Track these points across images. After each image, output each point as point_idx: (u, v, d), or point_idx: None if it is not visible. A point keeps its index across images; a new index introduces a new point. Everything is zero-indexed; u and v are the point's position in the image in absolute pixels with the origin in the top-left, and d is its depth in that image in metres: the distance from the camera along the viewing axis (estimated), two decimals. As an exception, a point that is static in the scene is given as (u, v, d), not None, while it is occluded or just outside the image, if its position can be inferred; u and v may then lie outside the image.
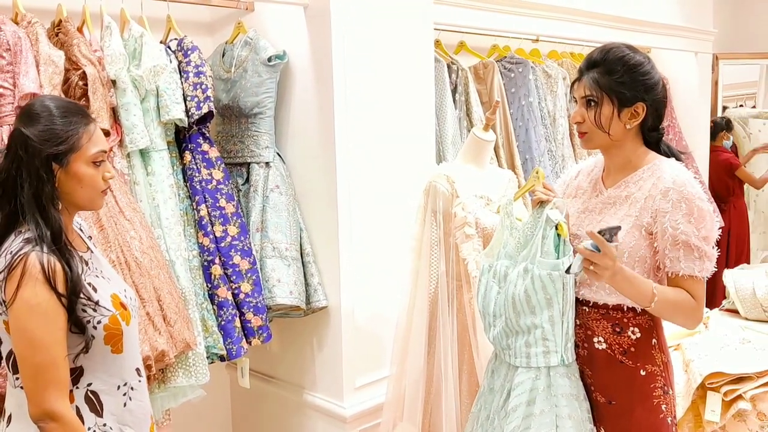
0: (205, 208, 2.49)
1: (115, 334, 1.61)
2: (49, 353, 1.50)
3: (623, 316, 1.91)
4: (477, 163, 2.45)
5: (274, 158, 2.67)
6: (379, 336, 2.71)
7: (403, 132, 2.74)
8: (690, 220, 1.79)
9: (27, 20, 2.19)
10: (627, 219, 1.87)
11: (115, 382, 1.65)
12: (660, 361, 1.92)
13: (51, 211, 1.57)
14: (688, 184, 1.82)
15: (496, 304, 2.01)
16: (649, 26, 3.91)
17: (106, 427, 1.63)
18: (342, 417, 2.63)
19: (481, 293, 2.07)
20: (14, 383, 1.60)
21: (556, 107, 3.49)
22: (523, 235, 2.03)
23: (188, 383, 2.34)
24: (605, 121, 1.87)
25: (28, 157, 1.56)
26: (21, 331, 1.50)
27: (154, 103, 2.41)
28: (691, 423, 2.69)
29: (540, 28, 3.39)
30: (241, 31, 2.73)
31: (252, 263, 2.53)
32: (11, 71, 2.07)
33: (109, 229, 2.18)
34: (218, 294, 2.46)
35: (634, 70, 1.86)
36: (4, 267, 1.51)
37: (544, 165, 3.28)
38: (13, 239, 1.55)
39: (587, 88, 1.88)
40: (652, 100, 1.87)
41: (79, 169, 1.61)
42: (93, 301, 1.60)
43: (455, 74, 3.16)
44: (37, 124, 1.58)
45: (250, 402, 3.14)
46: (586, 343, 1.97)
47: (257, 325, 2.51)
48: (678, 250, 1.80)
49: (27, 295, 1.49)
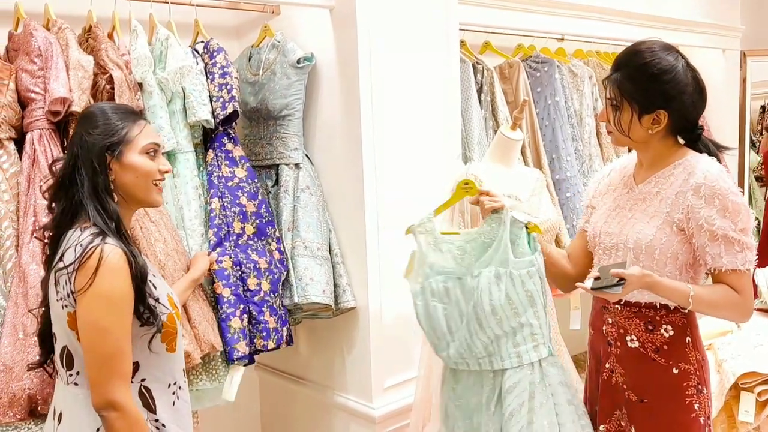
0: (218, 202, 2.45)
1: (171, 333, 1.65)
2: (118, 343, 1.55)
3: (656, 314, 1.90)
4: (505, 162, 2.45)
5: (302, 160, 2.68)
6: (407, 337, 2.70)
7: (430, 132, 2.73)
8: (725, 215, 1.77)
9: (58, 26, 2.22)
10: (657, 215, 1.86)
11: (167, 380, 1.69)
12: (694, 359, 1.90)
13: (108, 201, 1.63)
14: (720, 179, 1.80)
15: (447, 321, 2.01)
16: (675, 23, 3.86)
17: (158, 423, 1.66)
18: (371, 418, 2.62)
19: (422, 316, 2.06)
20: (67, 379, 1.63)
21: (583, 106, 3.46)
22: (477, 244, 2.04)
23: (212, 386, 2.35)
24: (625, 126, 1.86)
25: (83, 153, 1.64)
26: (92, 321, 1.54)
27: (180, 106, 2.43)
28: (725, 424, 2.66)
29: (565, 27, 3.36)
30: (267, 35, 2.75)
31: (269, 263, 2.51)
32: (42, 76, 2.10)
33: (135, 231, 2.20)
34: (214, 289, 2.38)
35: (657, 78, 1.81)
36: (75, 259, 1.55)
37: (571, 164, 3.25)
38: (80, 234, 1.60)
39: (611, 91, 1.88)
40: (676, 108, 1.83)
41: (133, 159, 1.68)
42: (154, 297, 1.65)
43: (480, 74, 3.15)
44: (92, 123, 1.67)
45: (279, 403, 3.15)
46: (618, 341, 1.96)
47: (272, 326, 2.47)
48: (718, 246, 1.79)
49: (100, 285, 1.53)
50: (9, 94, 2.07)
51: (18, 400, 1.91)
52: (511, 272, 1.92)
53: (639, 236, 1.88)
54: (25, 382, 1.91)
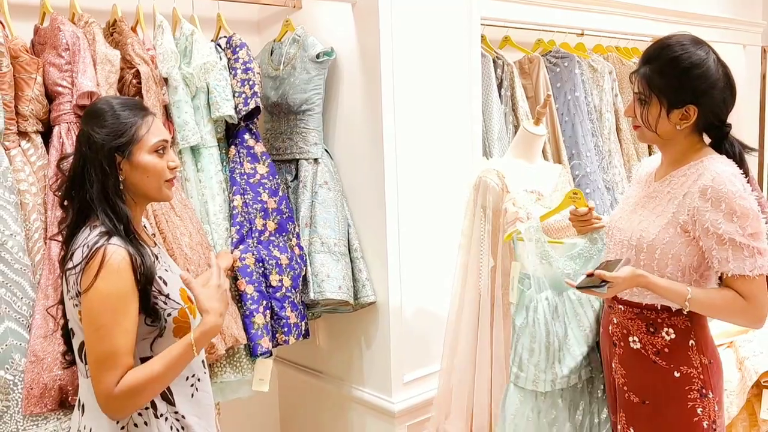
0: (240, 199, 2.47)
1: (183, 327, 1.65)
2: (114, 341, 1.53)
3: (657, 315, 1.87)
4: (527, 157, 2.44)
5: (322, 154, 2.69)
6: (427, 331, 2.71)
7: (451, 127, 2.73)
8: (732, 219, 1.72)
9: (84, 20, 2.23)
10: (664, 215, 1.84)
11: (184, 373, 1.69)
12: (698, 363, 1.86)
13: (118, 203, 1.62)
14: (728, 182, 1.74)
15: (558, 337, 2.09)
16: (695, 18, 3.84)
17: (178, 414, 1.67)
18: (390, 412, 2.63)
19: (541, 329, 2.09)
20: (86, 373, 1.64)
21: (603, 102, 3.44)
22: (580, 260, 2.10)
23: (235, 379, 2.37)
24: (652, 121, 1.82)
25: (92, 153, 1.62)
26: (90, 320, 1.55)
27: (205, 101, 2.44)
28: (746, 422, 2.65)
29: (585, 21, 3.35)
30: (289, 29, 2.75)
31: (290, 259, 2.52)
32: (69, 70, 2.12)
33: (161, 225, 2.21)
34: (237, 286, 2.42)
35: (687, 73, 1.77)
36: (82, 259, 1.55)
37: (590, 160, 3.24)
38: (88, 233, 1.60)
39: (639, 85, 1.84)
40: (706, 103, 1.79)
41: (142, 158, 1.65)
42: (164, 294, 1.64)
43: (501, 69, 3.14)
44: (99, 121, 1.64)
45: (299, 397, 3.16)
46: (622, 342, 1.95)
47: (293, 321, 2.50)
48: (726, 250, 1.74)
49: (101, 285, 1.53)
50: (36, 88, 2.09)
51: (49, 390, 1.93)
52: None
53: (642, 234, 1.85)
54: (56, 373, 1.93)
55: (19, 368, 1.93)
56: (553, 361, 2.06)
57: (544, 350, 2.07)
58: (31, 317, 1.96)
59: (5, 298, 1.93)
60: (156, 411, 1.63)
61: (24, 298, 1.96)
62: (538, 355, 2.08)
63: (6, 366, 1.91)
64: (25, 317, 1.96)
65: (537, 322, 2.08)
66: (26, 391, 1.92)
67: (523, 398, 2.11)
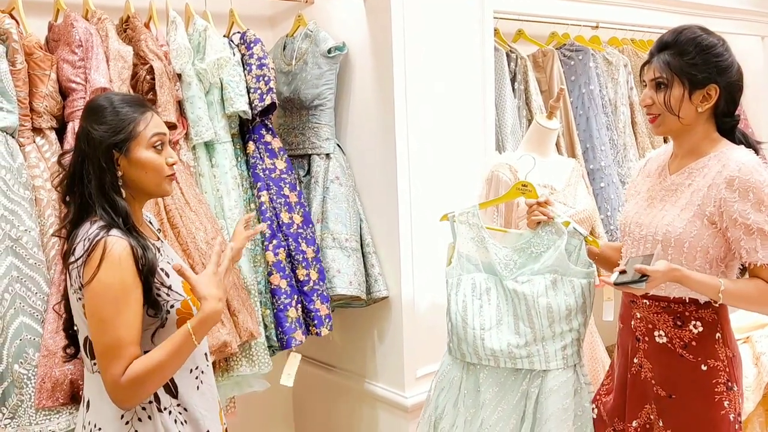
0: (267, 195, 2.50)
1: (186, 319, 1.65)
2: (117, 333, 1.54)
3: (685, 309, 1.87)
4: (540, 151, 2.43)
5: (334, 150, 2.69)
6: (440, 327, 2.69)
7: (464, 121, 2.72)
8: (761, 209, 1.73)
9: (97, 17, 2.25)
10: (688, 208, 1.83)
11: (187, 365, 1.69)
12: (724, 356, 1.86)
13: (116, 199, 1.62)
14: (755, 171, 1.75)
15: (482, 318, 2.10)
16: (712, 10, 3.79)
17: (180, 407, 1.68)
18: (403, 406, 2.64)
19: (459, 306, 2.14)
20: (92, 368, 1.65)
21: (618, 95, 3.41)
22: (525, 254, 2.11)
23: (251, 372, 2.38)
24: (675, 104, 1.83)
25: (90, 150, 1.62)
26: (93, 311, 1.56)
27: (218, 96, 2.45)
28: (762, 417, 2.63)
29: (599, 14, 3.32)
30: (301, 24, 2.75)
31: (316, 252, 2.55)
32: (83, 67, 2.13)
33: (176, 220, 2.23)
34: (271, 281, 2.45)
35: (707, 51, 1.80)
36: (83, 252, 1.56)
37: (605, 154, 3.22)
38: (89, 227, 1.61)
39: (657, 70, 1.84)
40: (726, 83, 1.81)
41: (141, 155, 1.65)
42: (166, 285, 1.65)
43: (514, 63, 3.13)
44: (97, 118, 1.64)
45: (312, 391, 3.17)
46: (647, 337, 1.93)
47: (324, 313, 2.52)
48: (754, 240, 1.74)
49: (102, 277, 1.54)
50: (50, 84, 2.11)
51: (61, 384, 1.95)
52: (572, 280, 2.04)
53: (669, 228, 1.84)
54: (67, 367, 1.95)
55: (33, 363, 1.95)
56: (474, 339, 2.10)
57: (461, 325, 2.13)
58: (45, 312, 1.98)
59: (20, 293, 1.95)
60: (159, 404, 1.64)
61: (38, 293, 1.99)
62: (455, 328, 2.16)
63: (20, 360, 1.94)
64: (39, 312, 1.98)
65: (456, 298, 2.15)
66: (38, 385, 1.94)
67: (451, 363, 2.23)
